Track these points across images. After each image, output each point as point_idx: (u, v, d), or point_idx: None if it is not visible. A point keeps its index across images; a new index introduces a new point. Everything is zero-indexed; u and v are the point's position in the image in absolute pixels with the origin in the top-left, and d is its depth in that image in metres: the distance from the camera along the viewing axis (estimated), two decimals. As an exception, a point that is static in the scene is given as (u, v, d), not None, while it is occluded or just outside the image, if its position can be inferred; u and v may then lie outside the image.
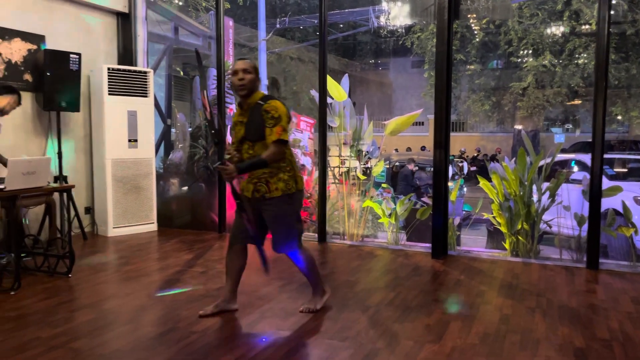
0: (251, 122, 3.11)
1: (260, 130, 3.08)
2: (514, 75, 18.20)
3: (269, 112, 3.06)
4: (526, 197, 5.16)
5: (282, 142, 3.07)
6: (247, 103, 3.14)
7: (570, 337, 2.99)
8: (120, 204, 5.79)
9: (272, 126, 3.06)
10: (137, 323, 3.22)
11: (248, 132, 3.12)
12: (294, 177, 3.18)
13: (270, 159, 3.05)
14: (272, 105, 3.09)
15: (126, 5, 6.23)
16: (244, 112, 3.16)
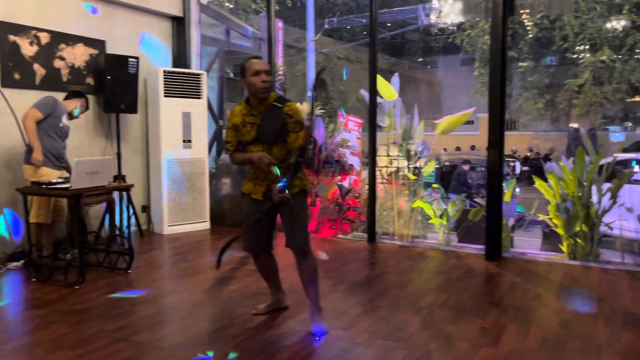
0: (268, 125, 2.99)
1: (279, 133, 2.98)
2: (570, 72, 17.56)
3: (292, 117, 2.98)
4: (585, 198, 4.98)
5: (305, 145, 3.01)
6: (263, 105, 3.01)
7: (636, 344, 2.86)
8: (174, 203, 5.96)
9: (298, 131, 2.98)
10: (194, 318, 3.32)
11: (263, 135, 2.99)
12: (304, 175, 3.17)
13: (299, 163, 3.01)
14: (294, 108, 3.01)
15: (181, 9, 6.41)
16: (256, 113, 3.02)
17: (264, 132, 3.00)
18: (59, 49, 5.21)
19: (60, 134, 4.58)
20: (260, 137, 3.00)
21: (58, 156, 4.56)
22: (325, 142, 7.03)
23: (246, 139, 3.05)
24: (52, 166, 4.50)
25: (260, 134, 3.00)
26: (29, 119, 4.35)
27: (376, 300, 3.66)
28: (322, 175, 6.64)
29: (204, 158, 6.19)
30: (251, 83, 2.97)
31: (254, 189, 3.12)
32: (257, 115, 3.02)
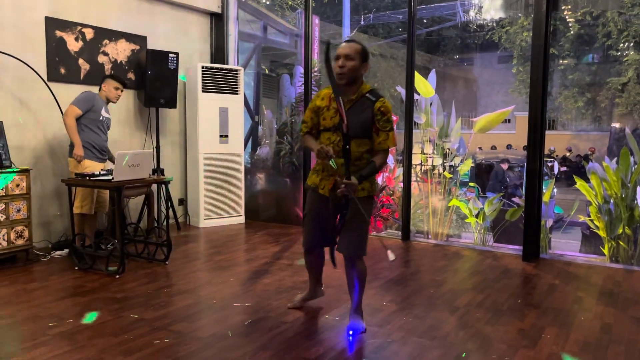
0: (354, 115, 2.79)
1: (365, 127, 2.80)
2: (612, 70, 17.00)
3: (385, 115, 2.80)
4: (629, 199, 4.83)
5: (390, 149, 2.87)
6: (351, 91, 2.82)
7: (683, 352, 2.77)
8: (211, 197, 6.05)
9: (389, 130, 2.81)
10: (231, 310, 3.36)
11: (353, 127, 2.77)
12: (374, 180, 2.98)
13: (382, 166, 2.85)
14: (387, 106, 2.82)
15: (219, 5, 6.49)
16: (346, 101, 2.81)
17: (348, 122, 2.77)
18: (102, 44, 5.35)
19: (102, 127, 4.70)
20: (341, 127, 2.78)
21: (100, 149, 4.69)
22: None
23: (326, 125, 2.88)
24: (95, 159, 4.63)
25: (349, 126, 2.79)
26: (68, 115, 4.47)
27: (411, 298, 3.64)
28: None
29: (240, 153, 6.26)
30: (333, 68, 2.81)
31: (320, 183, 2.96)
32: (346, 103, 2.82)
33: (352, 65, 2.78)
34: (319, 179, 2.97)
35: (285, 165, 6.64)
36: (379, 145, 2.82)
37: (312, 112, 2.95)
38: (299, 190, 6.28)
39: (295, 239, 5.50)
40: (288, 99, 7.01)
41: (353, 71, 2.79)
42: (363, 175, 2.77)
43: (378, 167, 2.83)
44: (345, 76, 2.78)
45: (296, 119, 6.67)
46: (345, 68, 2.77)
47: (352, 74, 2.79)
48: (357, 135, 2.81)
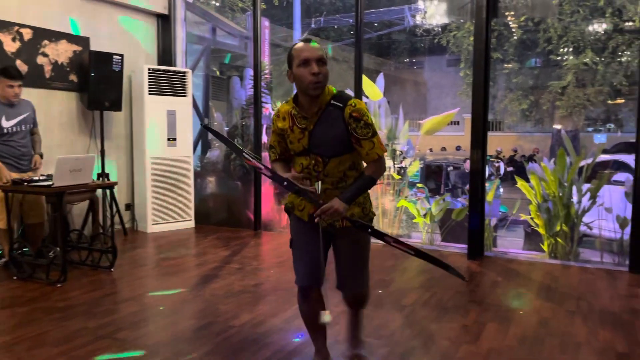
0: (323, 131, 2.25)
1: (342, 142, 2.24)
2: (553, 74, 17.77)
3: (359, 119, 2.20)
4: (566, 198, 5.06)
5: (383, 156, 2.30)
6: (316, 104, 2.25)
7: (613, 342, 2.92)
8: (159, 201, 5.94)
9: (371, 136, 2.23)
10: (178, 316, 3.32)
11: (315, 144, 2.26)
12: (369, 198, 2.42)
13: (378, 176, 2.31)
14: (359, 108, 2.22)
15: (166, 7, 6.38)
16: (309, 116, 2.26)
17: (317, 141, 2.26)
18: (42, 45, 5.17)
19: (7, 137, 4.26)
20: (313, 148, 2.27)
21: (16, 157, 4.32)
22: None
23: (295, 149, 2.33)
24: (14, 169, 4.29)
25: (312, 143, 2.27)
26: None
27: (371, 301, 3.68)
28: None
29: (188, 156, 6.17)
30: (298, 76, 2.20)
31: (300, 203, 2.38)
32: (310, 119, 2.26)
33: (326, 72, 2.23)
34: (298, 199, 2.38)
35: (236, 168, 6.60)
36: (368, 156, 2.26)
37: (276, 135, 2.41)
38: (250, 193, 6.25)
39: (245, 243, 5.47)
40: (238, 101, 6.97)
41: (326, 78, 2.24)
42: (348, 196, 2.22)
43: (370, 181, 2.28)
44: (321, 85, 2.21)
45: (247, 121, 6.64)
46: (321, 75, 2.19)
47: (326, 81, 2.24)
48: (333, 153, 2.26)
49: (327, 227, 2.35)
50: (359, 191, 2.27)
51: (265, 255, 5.09)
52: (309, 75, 2.18)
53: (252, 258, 4.82)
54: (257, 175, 6.12)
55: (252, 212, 6.19)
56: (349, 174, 2.31)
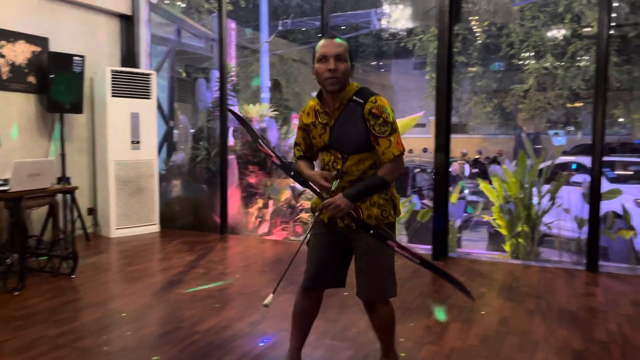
0: (346, 128, 2.25)
1: (361, 139, 2.22)
2: (516, 78, 18.21)
3: (379, 117, 2.18)
4: (526, 199, 5.19)
5: (402, 155, 2.25)
6: (337, 99, 2.26)
7: (569, 340, 3.02)
8: (122, 205, 5.83)
9: (389, 134, 2.19)
10: (141, 322, 3.26)
11: (338, 141, 2.26)
12: (391, 200, 2.31)
13: (392, 178, 2.24)
14: (380, 105, 2.20)
15: (129, 7, 6.27)
16: (330, 112, 2.28)
17: (337, 137, 2.26)
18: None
19: None
20: (333, 144, 2.28)
21: None
22: (279, 144, 7.05)
23: (318, 144, 2.35)
24: None
25: (333, 139, 2.27)
26: None
27: (325, 301, 3.66)
28: (275, 177, 6.65)
29: (153, 160, 6.07)
30: (317, 71, 2.23)
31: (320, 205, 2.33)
32: (331, 114, 2.28)
33: (345, 68, 2.21)
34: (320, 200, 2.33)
35: (202, 171, 6.53)
36: (384, 155, 2.21)
37: (302, 131, 2.41)
38: (216, 197, 6.19)
39: (211, 247, 5.42)
40: (204, 103, 6.91)
41: (346, 75, 2.23)
42: (352, 193, 2.20)
43: (381, 181, 2.22)
44: (338, 81, 2.21)
45: (213, 124, 6.58)
46: (338, 72, 2.19)
47: (345, 78, 2.23)
48: (352, 151, 2.25)
49: (345, 229, 2.33)
50: (366, 190, 2.22)
51: (232, 260, 5.06)
52: (325, 71, 2.19)
53: (218, 262, 4.78)
54: (223, 178, 6.07)
55: (218, 216, 6.14)
56: (369, 173, 2.27)
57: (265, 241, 5.82)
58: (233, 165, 6.41)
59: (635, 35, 14.96)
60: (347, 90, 2.26)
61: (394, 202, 2.32)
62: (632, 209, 5.81)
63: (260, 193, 6.58)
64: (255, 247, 5.46)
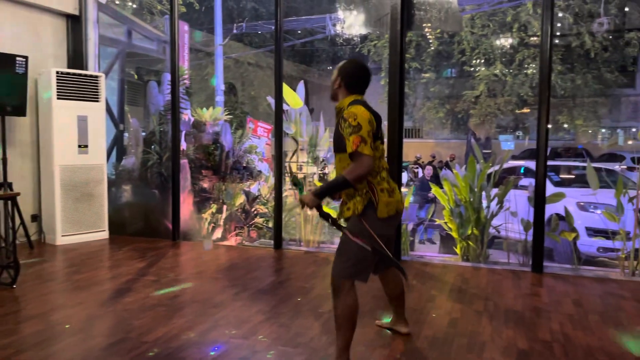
0: (335, 131, 2.70)
1: (340, 141, 2.63)
2: (467, 84, 18.72)
3: (346, 120, 2.54)
4: (476, 203, 5.33)
5: (362, 155, 2.47)
6: (337, 109, 2.79)
7: (515, 339, 3.11)
8: (69, 212, 5.63)
9: (350, 134, 2.50)
10: (87, 333, 3.15)
11: (333, 143, 2.75)
12: (370, 201, 2.62)
13: (350, 176, 2.49)
14: (352, 111, 2.55)
15: (77, 7, 6.08)
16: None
17: (333, 140, 2.75)
18: None
19: None
20: (333, 146, 2.77)
21: None
22: (233, 148, 6.98)
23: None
24: None
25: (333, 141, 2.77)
26: None
27: (279, 307, 3.68)
28: (229, 182, 6.58)
29: (102, 164, 5.90)
30: None
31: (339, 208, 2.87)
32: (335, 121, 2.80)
33: (331, 81, 2.80)
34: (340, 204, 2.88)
35: (154, 176, 6.38)
36: (349, 155, 2.53)
37: None
38: (168, 202, 6.06)
39: (163, 253, 5.30)
40: (156, 107, 6.75)
41: (331, 86, 2.80)
42: (318, 190, 2.61)
43: (342, 180, 2.51)
44: (330, 92, 2.83)
45: (165, 127, 6.45)
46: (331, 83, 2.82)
47: (332, 90, 2.81)
48: (336, 150, 2.72)
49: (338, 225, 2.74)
50: (328, 187, 2.63)
51: (184, 266, 4.96)
52: None
53: (169, 269, 4.67)
54: (175, 183, 5.95)
55: (170, 222, 6.01)
56: None
57: (218, 247, 5.74)
58: (185, 170, 6.30)
59: (577, 45, 15.66)
60: (343, 101, 2.73)
61: (374, 204, 2.62)
62: (575, 211, 6.06)
63: (213, 198, 6.49)
64: (209, 253, 5.38)
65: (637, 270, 4.77)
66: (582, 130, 19.87)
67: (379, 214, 2.60)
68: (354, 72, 2.75)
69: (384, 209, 2.61)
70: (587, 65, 16.54)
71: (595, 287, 4.26)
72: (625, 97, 21.45)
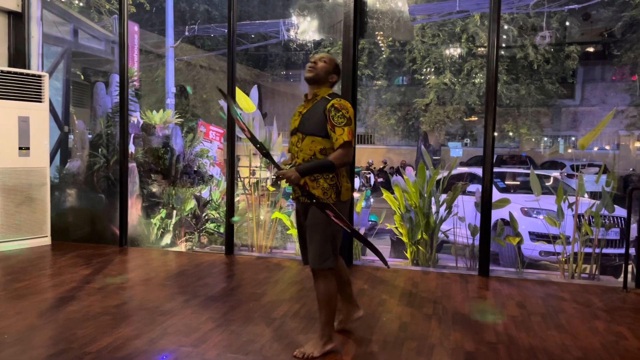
0: (311, 115, 2.86)
1: (319, 125, 2.81)
2: (418, 92, 19.15)
3: (339, 110, 2.78)
4: (425, 208, 5.44)
5: (351, 146, 2.79)
6: (312, 93, 2.93)
7: (462, 342, 3.18)
8: (8, 216, 5.36)
9: (344, 125, 2.76)
10: (27, 344, 3.00)
11: (303, 124, 2.87)
12: (335, 186, 2.86)
13: (338, 162, 2.78)
14: (344, 104, 2.82)
15: (19, 4, 5.83)
16: (307, 103, 2.94)
17: (304, 121, 2.88)
18: None
19: None
20: (300, 127, 2.88)
21: None
22: (184, 152, 6.85)
23: (290, 128, 2.98)
24: None
25: (300, 122, 2.89)
26: None
27: (229, 314, 3.63)
28: (179, 186, 6.45)
29: (44, 167, 5.66)
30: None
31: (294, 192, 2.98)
32: (306, 105, 2.93)
33: (322, 67, 2.91)
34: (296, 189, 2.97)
35: (100, 180, 6.18)
36: (336, 142, 2.78)
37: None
38: (115, 207, 5.88)
39: (109, 260, 5.13)
40: (103, 108, 6.55)
41: (321, 70, 2.91)
42: (303, 167, 2.77)
43: (329, 163, 2.76)
44: (313, 71, 2.90)
45: (112, 130, 6.26)
46: (315, 67, 2.91)
47: (320, 72, 2.91)
48: (310, 132, 2.84)
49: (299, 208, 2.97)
50: (314, 167, 2.79)
51: (131, 273, 4.82)
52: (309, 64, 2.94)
53: (116, 276, 4.53)
54: (123, 187, 5.78)
55: (117, 227, 5.83)
56: (319, 156, 2.83)
57: (167, 253, 5.61)
58: (134, 174, 6.13)
59: (522, 57, 16.32)
60: (323, 89, 2.92)
61: (337, 188, 2.87)
62: (519, 216, 6.29)
63: (163, 203, 6.35)
64: (157, 260, 5.25)
65: (576, 273, 4.99)
66: (526, 138, 20.70)
67: (342, 197, 2.89)
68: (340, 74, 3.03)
69: (346, 193, 2.91)
70: (530, 76, 17.27)
71: (538, 289, 4.43)
72: (565, 107, 22.54)
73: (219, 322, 3.45)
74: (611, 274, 5.96)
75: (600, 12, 16.36)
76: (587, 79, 22.52)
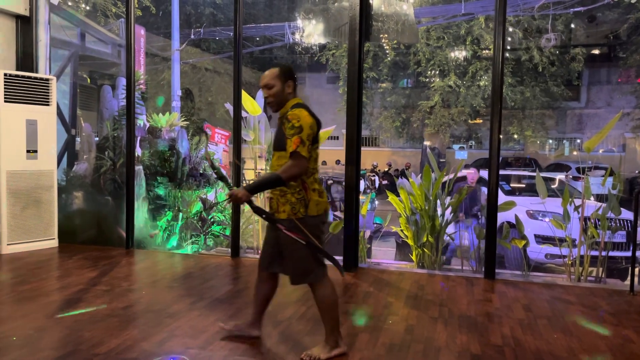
0: (278, 131, 2.85)
1: (282, 140, 2.78)
2: (423, 94, 19.14)
3: (289, 121, 2.72)
4: (431, 211, 5.44)
5: (300, 156, 2.69)
6: (280, 113, 2.91)
7: (468, 344, 3.19)
8: (16, 219, 5.40)
9: (293, 135, 2.69)
10: (34, 347, 3.03)
11: (274, 142, 2.91)
12: (303, 200, 2.79)
13: (285, 174, 2.69)
14: (296, 113, 2.74)
15: (27, 8, 5.87)
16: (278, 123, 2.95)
17: (273, 139, 2.93)
18: None
19: None
20: (273, 145, 2.91)
21: None
22: (190, 154, 6.88)
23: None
24: None
25: (273, 141, 2.94)
26: None
27: (236, 316, 3.64)
28: (185, 189, 6.48)
29: (52, 170, 5.69)
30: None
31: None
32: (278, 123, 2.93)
33: (274, 92, 2.87)
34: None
35: (107, 182, 6.21)
36: (288, 153, 2.73)
37: None
38: (121, 210, 5.91)
39: (116, 262, 5.16)
40: (110, 111, 6.59)
41: (277, 96, 2.87)
42: (250, 185, 2.77)
43: (275, 177, 2.70)
44: (273, 103, 2.88)
45: (119, 132, 6.29)
46: (270, 97, 2.87)
47: (278, 99, 2.87)
48: (276, 147, 2.87)
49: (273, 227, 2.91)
50: (260, 183, 2.83)
51: (138, 275, 4.84)
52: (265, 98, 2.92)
53: (122, 279, 4.55)
54: (129, 190, 5.81)
55: (123, 229, 5.86)
56: None
57: (174, 255, 5.64)
58: (140, 176, 6.16)
59: (527, 59, 16.29)
60: (287, 105, 2.87)
61: (305, 202, 2.79)
62: (525, 219, 6.29)
63: (169, 205, 6.37)
64: (164, 262, 5.27)
65: (582, 276, 4.98)
66: (531, 140, 20.66)
67: (309, 211, 2.81)
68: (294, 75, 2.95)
69: (314, 207, 2.82)
70: (535, 79, 17.24)
71: (544, 292, 4.43)
72: (570, 109, 22.48)
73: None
74: (617, 277, 5.93)
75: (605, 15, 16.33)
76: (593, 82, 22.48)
